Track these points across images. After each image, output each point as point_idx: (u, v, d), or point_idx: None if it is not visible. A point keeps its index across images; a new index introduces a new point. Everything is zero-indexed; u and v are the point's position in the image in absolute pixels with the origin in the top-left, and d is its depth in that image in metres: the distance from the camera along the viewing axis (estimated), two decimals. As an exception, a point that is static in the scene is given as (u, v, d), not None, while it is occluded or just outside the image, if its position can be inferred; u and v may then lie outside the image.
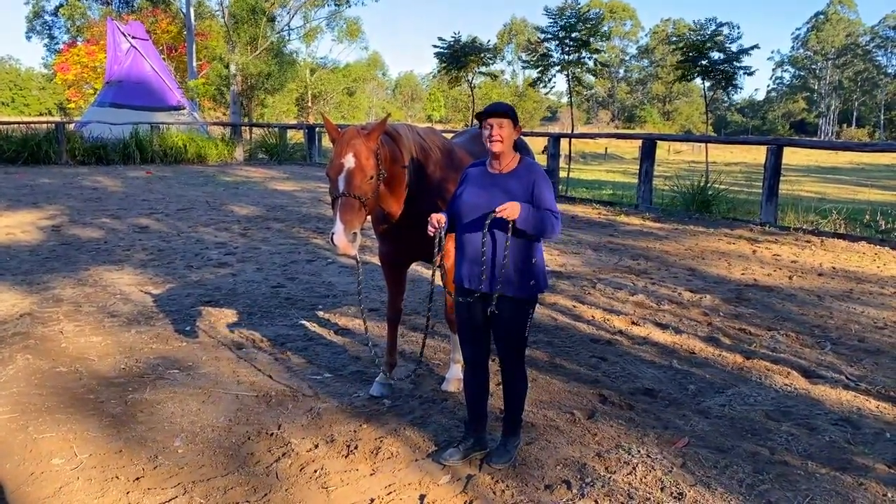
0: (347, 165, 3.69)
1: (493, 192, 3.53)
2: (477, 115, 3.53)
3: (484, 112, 3.52)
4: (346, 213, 3.66)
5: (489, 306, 3.53)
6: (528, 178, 3.55)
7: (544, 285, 3.68)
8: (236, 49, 27.25)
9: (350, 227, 3.65)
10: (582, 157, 50.70)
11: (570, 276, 8.10)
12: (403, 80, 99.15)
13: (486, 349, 3.76)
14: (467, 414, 3.86)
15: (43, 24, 46.70)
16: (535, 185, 3.52)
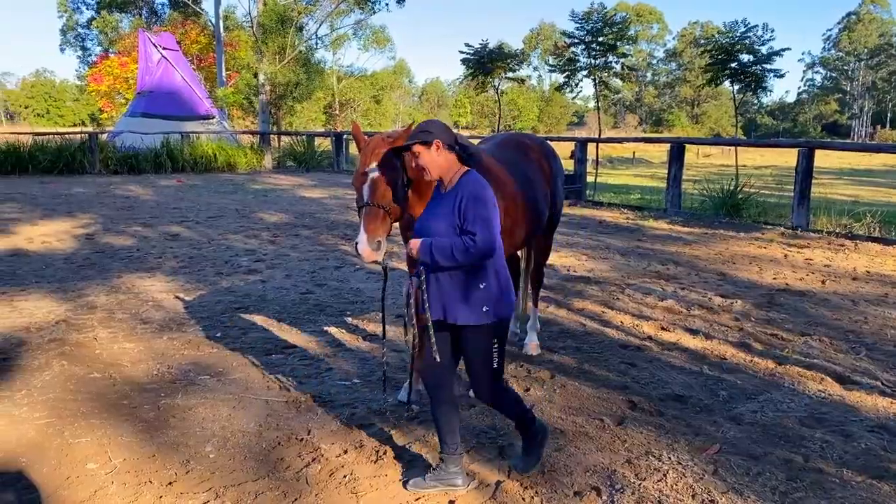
0: (371, 175, 3.70)
1: (432, 214, 3.44)
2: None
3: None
4: (371, 223, 3.67)
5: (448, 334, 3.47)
6: (456, 196, 3.32)
7: (500, 312, 3.36)
8: (265, 58, 27.58)
9: (374, 235, 3.66)
10: (609, 162, 50.38)
11: (599, 282, 8.05)
12: (430, 87, 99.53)
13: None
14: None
15: (76, 37, 47.72)
16: (461, 203, 3.28)
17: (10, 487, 3.48)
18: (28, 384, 4.76)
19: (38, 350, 5.43)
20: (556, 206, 5.44)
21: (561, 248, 10.16)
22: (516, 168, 4.83)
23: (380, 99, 68.37)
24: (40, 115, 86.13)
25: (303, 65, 29.51)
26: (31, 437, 4.00)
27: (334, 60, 56.39)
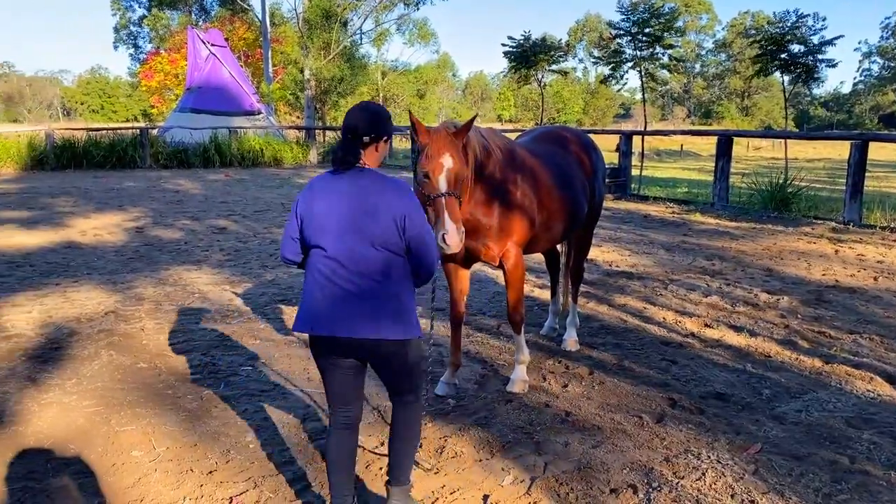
0: (447, 165, 3.74)
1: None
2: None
3: None
4: (454, 212, 3.72)
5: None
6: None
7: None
8: (310, 54, 27.85)
9: (459, 225, 3.71)
10: (657, 155, 49.65)
11: (642, 277, 7.95)
12: (473, 81, 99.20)
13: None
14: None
15: (129, 35, 48.95)
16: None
17: (60, 473, 3.60)
18: (78, 373, 4.91)
19: (87, 340, 5.60)
20: (597, 200, 5.38)
21: (604, 242, 10.06)
22: (553, 161, 4.80)
23: (423, 93, 68.47)
24: (95, 111, 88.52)
25: (347, 60, 29.73)
26: (79, 424, 4.13)
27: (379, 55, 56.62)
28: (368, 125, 2.90)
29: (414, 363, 3.04)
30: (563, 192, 4.71)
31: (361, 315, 2.82)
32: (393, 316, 2.85)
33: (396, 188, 2.87)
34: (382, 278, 2.83)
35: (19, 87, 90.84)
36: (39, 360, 5.15)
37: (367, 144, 2.89)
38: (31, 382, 4.72)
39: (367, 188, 2.84)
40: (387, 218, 2.78)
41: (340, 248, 2.81)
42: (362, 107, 2.99)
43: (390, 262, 2.83)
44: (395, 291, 2.86)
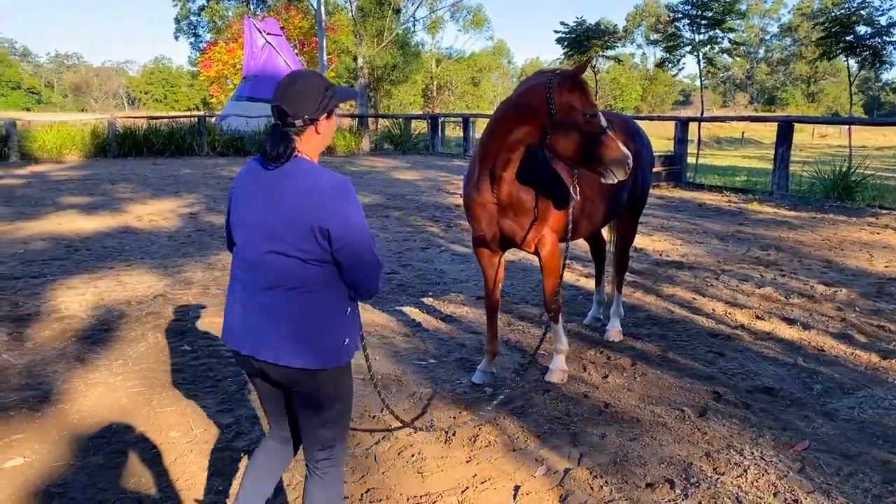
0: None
1: None
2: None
3: None
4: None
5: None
6: None
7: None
8: (363, 42, 27.97)
9: None
10: (716, 143, 48.46)
11: (692, 267, 7.74)
12: (529, 67, 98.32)
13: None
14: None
15: (189, 25, 50.01)
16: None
17: (101, 451, 3.68)
18: (124, 354, 5.03)
19: (136, 322, 5.73)
20: (642, 188, 5.23)
21: (655, 231, 9.84)
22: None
23: (478, 81, 68.20)
24: (158, 100, 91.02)
25: (399, 48, 29.76)
26: (122, 404, 4.23)
27: (433, 43, 56.59)
28: (300, 104, 2.31)
29: (327, 402, 2.41)
30: (603, 179, 4.58)
31: (264, 333, 2.33)
32: (300, 338, 2.31)
33: (327, 189, 2.27)
34: (293, 292, 2.31)
35: (87, 78, 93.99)
36: (89, 340, 5.29)
37: (301, 129, 2.32)
38: (80, 362, 4.86)
39: (288, 186, 2.29)
40: (304, 224, 2.24)
41: (251, 253, 2.35)
42: (289, 80, 2.36)
43: (307, 274, 2.30)
44: (310, 309, 2.33)
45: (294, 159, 2.32)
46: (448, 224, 10.31)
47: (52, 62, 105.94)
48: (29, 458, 3.60)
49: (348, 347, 2.41)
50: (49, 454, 3.64)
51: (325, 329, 2.34)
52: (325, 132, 2.39)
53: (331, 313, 2.36)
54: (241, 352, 2.39)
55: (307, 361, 2.32)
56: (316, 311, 2.33)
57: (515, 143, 3.93)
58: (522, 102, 3.85)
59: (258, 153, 2.37)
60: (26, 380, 4.57)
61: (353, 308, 2.45)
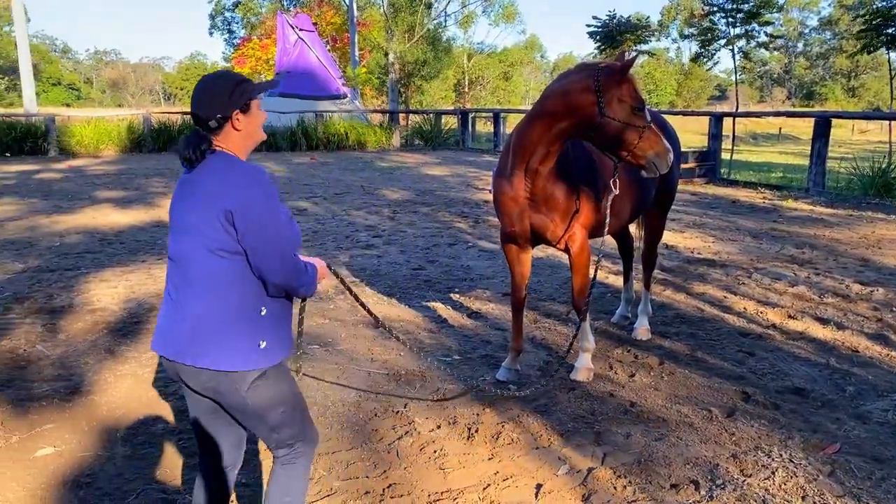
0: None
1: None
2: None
3: None
4: None
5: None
6: None
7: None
8: (394, 38, 28.02)
9: None
10: (752, 138, 47.67)
11: (724, 265, 7.61)
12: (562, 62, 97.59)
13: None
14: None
15: (223, 21, 50.60)
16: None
17: (128, 442, 3.74)
18: (154, 347, 5.10)
19: (166, 315, 5.80)
20: (669, 184, 5.16)
21: (687, 228, 9.71)
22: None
23: (510, 76, 67.91)
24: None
25: (430, 43, 29.75)
26: (150, 396, 4.29)
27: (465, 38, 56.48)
28: (208, 105, 2.25)
29: (263, 409, 2.30)
30: (629, 174, 4.52)
31: (182, 333, 2.24)
32: (204, 336, 2.21)
33: (237, 176, 2.21)
34: (201, 287, 2.22)
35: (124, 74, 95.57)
36: (119, 333, 5.38)
37: (216, 129, 2.26)
38: (110, 354, 4.94)
39: (203, 178, 2.24)
40: (210, 213, 2.17)
41: (173, 250, 2.30)
42: (200, 83, 2.32)
43: (214, 267, 2.21)
44: (216, 305, 2.22)
45: (213, 154, 2.26)
46: (476, 220, 10.28)
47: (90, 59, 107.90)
48: (59, 447, 3.68)
49: (266, 352, 2.25)
50: (78, 444, 3.71)
51: (233, 328, 2.22)
52: (247, 127, 2.30)
53: (240, 312, 2.23)
54: (163, 354, 2.30)
55: (214, 362, 2.20)
56: (225, 307, 2.22)
57: (557, 135, 3.90)
58: (569, 94, 3.82)
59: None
60: (58, 371, 4.66)
61: (273, 311, 2.30)
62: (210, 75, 2.35)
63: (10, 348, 5.05)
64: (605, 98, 3.70)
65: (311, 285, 2.39)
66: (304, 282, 2.34)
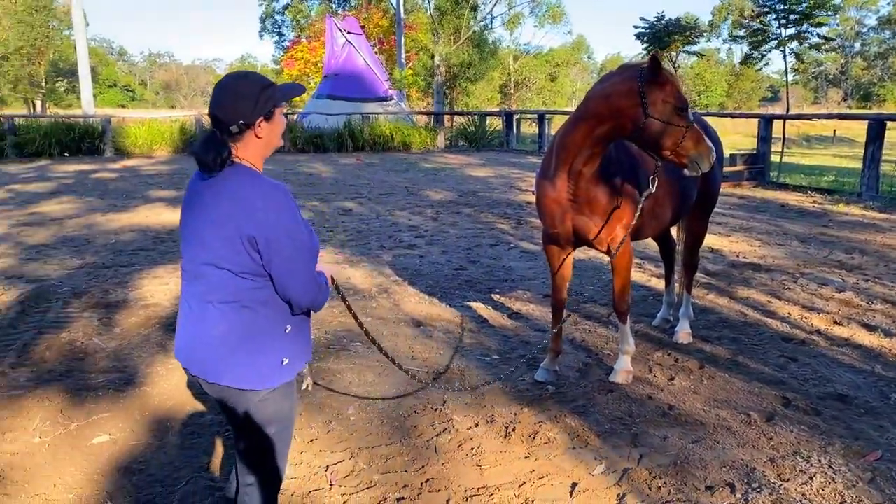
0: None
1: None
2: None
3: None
4: None
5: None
6: None
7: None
8: (440, 40, 28.16)
9: None
10: (806, 141, 46.55)
11: (770, 269, 7.51)
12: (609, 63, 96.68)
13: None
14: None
15: (273, 24, 51.45)
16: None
17: (178, 432, 3.91)
18: (203, 341, 5.28)
19: (215, 311, 6.00)
20: (711, 187, 5.13)
21: (733, 232, 9.60)
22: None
23: (555, 76, 67.55)
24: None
25: (476, 45, 29.82)
26: (199, 388, 4.43)
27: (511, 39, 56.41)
28: (231, 109, 2.17)
29: (260, 425, 2.30)
30: (669, 177, 4.52)
31: (197, 346, 2.25)
32: (230, 355, 2.22)
33: (258, 197, 2.15)
34: (227, 306, 2.20)
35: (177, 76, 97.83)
36: (171, 328, 5.58)
37: (237, 134, 2.19)
38: (162, 349, 5.13)
39: (220, 195, 2.17)
40: (232, 235, 2.13)
41: (189, 265, 2.27)
42: (223, 83, 2.23)
43: (240, 288, 2.19)
44: (243, 325, 2.22)
45: (231, 167, 2.19)
46: (518, 221, 10.32)
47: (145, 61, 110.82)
48: (114, 435, 3.86)
49: (287, 368, 2.30)
50: (132, 433, 3.89)
51: (260, 347, 2.23)
52: (268, 135, 2.24)
53: (267, 331, 2.24)
54: (185, 367, 2.33)
55: (235, 380, 2.22)
56: (250, 328, 2.21)
57: (601, 137, 3.94)
58: (612, 97, 3.86)
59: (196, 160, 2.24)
60: (113, 363, 4.87)
61: (296, 325, 2.33)
62: (232, 75, 2.26)
63: (68, 340, 5.29)
64: (648, 99, 3.73)
65: (326, 298, 2.38)
66: (322, 298, 2.34)
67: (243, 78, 2.24)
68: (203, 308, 2.23)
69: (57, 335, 5.40)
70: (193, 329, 2.27)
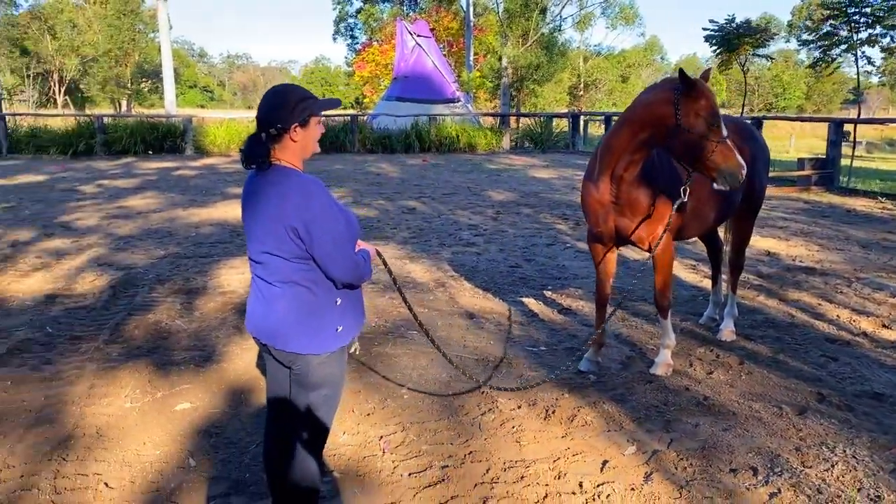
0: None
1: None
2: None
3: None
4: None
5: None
6: None
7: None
8: (508, 42, 28.43)
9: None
10: (889, 145, 44.82)
11: (825, 273, 7.55)
12: (684, 63, 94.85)
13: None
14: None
15: (346, 27, 52.76)
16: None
17: (251, 404, 4.36)
18: (274, 325, 5.76)
19: (285, 299, 6.49)
20: (755, 190, 5.31)
21: (792, 236, 9.60)
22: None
23: (627, 77, 66.80)
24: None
25: (544, 48, 29.95)
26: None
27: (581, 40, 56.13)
28: (267, 114, 2.57)
29: (315, 386, 2.70)
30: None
31: (268, 321, 2.65)
32: (293, 326, 2.62)
33: (297, 193, 2.52)
34: (286, 286, 2.60)
35: (254, 77, 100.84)
36: (245, 312, 6.06)
37: (275, 137, 2.56)
38: (237, 330, 5.63)
39: (270, 191, 2.57)
40: (280, 227, 2.52)
41: (253, 252, 2.67)
42: (268, 92, 2.65)
43: (294, 271, 2.58)
44: (300, 301, 2.61)
45: (273, 167, 2.58)
46: (577, 222, 10.54)
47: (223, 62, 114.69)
48: (194, 403, 4.34)
49: (342, 334, 2.69)
50: (210, 402, 4.36)
51: (316, 318, 2.62)
52: (303, 140, 2.59)
53: (320, 305, 2.63)
54: (255, 337, 2.74)
55: (299, 347, 2.62)
56: (306, 303, 2.61)
57: (641, 143, 4.22)
58: (651, 105, 4.13)
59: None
60: (194, 342, 5.39)
61: (345, 298, 2.70)
62: (279, 87, 2.65)
63: (154, 321, 5.85)
64: (682, 110, 3.98)
65: (369, 273, 2.74)
66: (363, 274, 2.69)
67: (283, 90, 2.63)
68: (267, 288, 2.64)
69: (144, 316, 5.97)
70: (261, 306, 2.68)
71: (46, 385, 4.56)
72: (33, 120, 24.68)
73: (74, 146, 21.05)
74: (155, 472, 3.57)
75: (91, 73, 57.79)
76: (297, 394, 2.75)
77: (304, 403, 2.73)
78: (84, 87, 61.03)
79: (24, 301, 6.42)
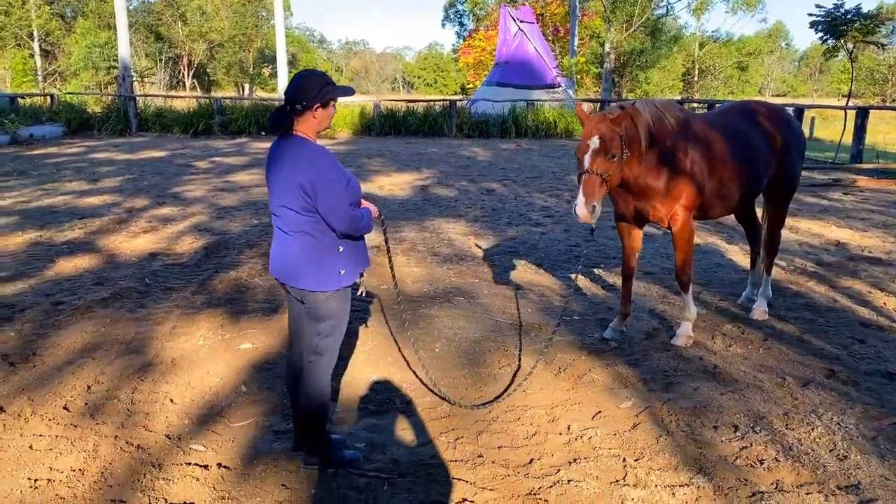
0: (592, 146, 4.37)
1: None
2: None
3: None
4: (588, 188, 4.36)
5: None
6: None
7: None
8: (612, 27, 28.16)
9: (590, 200, 4.36)
10: None
11: (890, 264, 7.47)
12: (813, 51, 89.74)
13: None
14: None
15: (455, 13, 53.50)
16: None
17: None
18: (337, 286, 6.43)
19: (352, 265, 7.15)
20: (788, 174, 5.46)
21: (871, 228, 9.40)
22: (732, 132, 5.07)
23: (745, 65, 64.06)
24: (429, 84, 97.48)
25: (650, 33, 29.45)
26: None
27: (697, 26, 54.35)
28: (295, 93, 3.10)
29: (323, 317, 3.27)
30: (738, 161, 4.97)
31: (284, 263, 3.24)
32: (303, 268, 3.18)
33: (307, 157, 3.08)
34: (298, 234, 3.16)
35: (368, 63, 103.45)
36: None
37: (299, 112, 3.10)
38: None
39: (287, 155, 3.13)
40: (292, 184, 3.07)
41: (273, 206, 3.23)
42: (297, 75, 3.21)
43: (303, 222, 3.13)
44: (309, 248, 3.16)
45: (294, 136, 3.16)
46: (651, 207, 10.68)
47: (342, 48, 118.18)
48: (255, 344, 5.05)
49: (345, 276, 3.25)
50: (268, 344, 5.06)
51: (322, 262, 3.19)
52: (320, 117, 3.15)
53: (325, 250, 3.19)
54: (275, 277, 3.34)
55: (308, 284, 3.20)
56: (313, 249, 3.18)
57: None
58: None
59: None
60: (266, 296, 6.13)
61: (347, 246, 3.25)
62: (305, 72, 3.24)
63: (235, 278, 6.65)
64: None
65: (367, 227, 3.28)
66: (359, 226, 3.22)
67: (309, 74, 3.22)
68: (284, 236, 3.24)
69: (228, 273, 6.79)
70: (279, 252, 3.29)
71: (137, 324, 5.41)
72: (162, 101, 26.76)
73: (195, 126, 22.80)
74: (212, 394, 4.29)
75: (217, 58, 61.24)
76: (309, 324, 3.33)
77: (315, 331, 3.32)
78: (210, 72, 64.76)
79: (130, 257, 7.40)
